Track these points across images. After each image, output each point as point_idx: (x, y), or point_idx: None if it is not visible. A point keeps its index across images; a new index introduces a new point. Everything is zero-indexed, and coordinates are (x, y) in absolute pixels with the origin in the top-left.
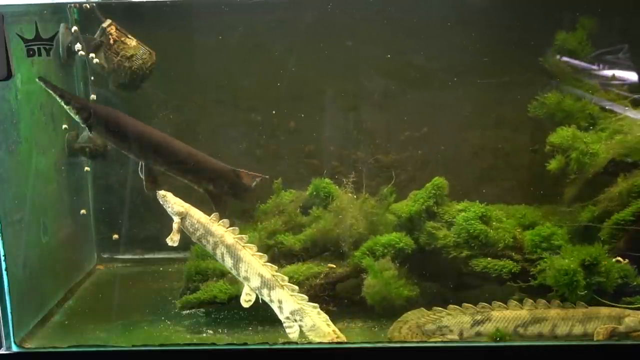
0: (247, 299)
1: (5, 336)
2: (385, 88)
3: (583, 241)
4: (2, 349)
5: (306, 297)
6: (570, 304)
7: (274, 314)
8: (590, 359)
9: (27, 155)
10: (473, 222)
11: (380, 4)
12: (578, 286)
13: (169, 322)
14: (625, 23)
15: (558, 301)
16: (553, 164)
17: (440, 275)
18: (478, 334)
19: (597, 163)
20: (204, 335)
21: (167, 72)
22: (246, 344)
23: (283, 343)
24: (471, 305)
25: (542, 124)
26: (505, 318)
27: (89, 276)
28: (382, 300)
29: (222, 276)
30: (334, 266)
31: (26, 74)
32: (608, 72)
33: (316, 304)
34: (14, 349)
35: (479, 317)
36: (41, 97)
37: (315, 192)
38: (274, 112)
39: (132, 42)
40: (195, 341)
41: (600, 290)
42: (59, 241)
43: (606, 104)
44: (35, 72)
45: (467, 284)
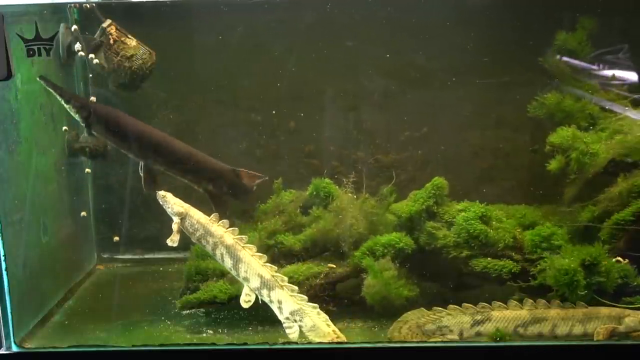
0: (247, 300)
1: (5, 336)
2: (385, 88)
3: (583, 241)
4: (2, 349)
5: (306, 298)
6: (570, 304)
7: (274, 314)
8: (590, 359)
9: (27, 155)
10: (473, 222)
11: (380, 4)
12: (578, 286)
13: (169, 322)
14: (625, 23)
15: (558, 301)
16: (553, 164)
17: (440, 275)
18: (478, 334)
19: (597, 163)
20: (204, 335)
21: (167, 72)
22: (246, 344)
23: (283, 343)
24: (471, 305)
25: (542, 124)
26: (505, 318)
27: (89, 276)
28: (382, 300)
29: (222, 276)
30: (334, 266)
31: (26, 74)
32: (608, 72)
33: (316, 304)
34: (14, 349)
35: (479, 317)
36: (41, 97)
37: (315, 192)
38: (274, 112)
39: (132, 42)
40: (195, 341)
41: (600, 290)
42: (59, 241)
43: (606, 104)
44: (35, 72)
45: (467, 284)
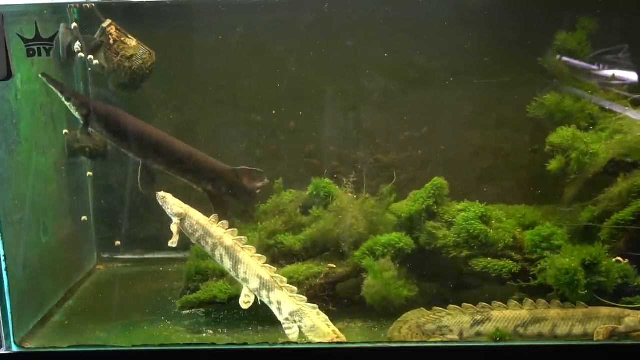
0: (246, 301)
1: (5, 336)
2: (385, 88)
3: (583, 241)
4: (2, 349)
5: (305, 298)
6: (570, 304)
7: (274, 314)
8: (590, 359)
9: (27, 155)
10: (473, 222)
11: (379, 4)
12: (579, 285)
13: (169, 322)
14: (625, 23)
15: (558, 301)
16: (553, 164)
17: (440, 275)
18: (478, 334)
19: (597, 163)
20: (204, 335)
21: (167, 72)
22: (246, 344)
23: (283, 343)
24: (471, 305)
25: (542, 124)
26: (505, 318)
27: (89, 276)
28: (382, 300)
29: (222, 276)
30: (334, 266)
31: (26, 74)
32: (608, 72)
33: (315, 305)
34: (14, 349)
35: (479, 317)
36: (41, 97)
37: (315, 192)
38: (274, 112)
39: (132, 42)
40: (195, 341)
41: (600, 290)
42: (59, 241)
43: (606, 104)
44: (35, 72)
45: (467, 284)
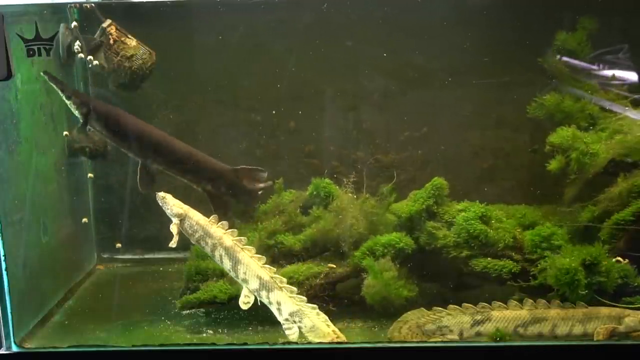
0: (246, 301)
1: (5, 336)
2: (385, 88)
3: (583, 241)
4: (2, 349)
5: (305, 299)
6: (570, 304)
7: (274, 314)
8: (590, 359)
9: (27, 155)
10: (473, 222)
11: (379, 4)
12: (579, 285)
13: (169, 322)
14: (625, 23)
15: (558, 301)
16: (553, 164)
17: (440, 275)
18: (478, 334)
19: (597, 163)
20: (204, 335)
21: (167, 72)
22: (246, 344)
23: (283, 343)
24: (471, 305)
25: (542, 124)
26: (505, 318)
27: (89, 276)
28: (382, 300)
29: (222, 276)
30: (334, 266)
31: (26, 74)
32: (608, 72)
33: (315, 305)
34: (14, 349)
35: (479, 317)
36: (41, 97)
37: (315, 192)
38: (274, 112)
39: (132, 42)
40: (195, 341)
41: (600, 290)
42: (59, 241)
43: (606, 104)
44: (35, 72)
45: (467, 284)
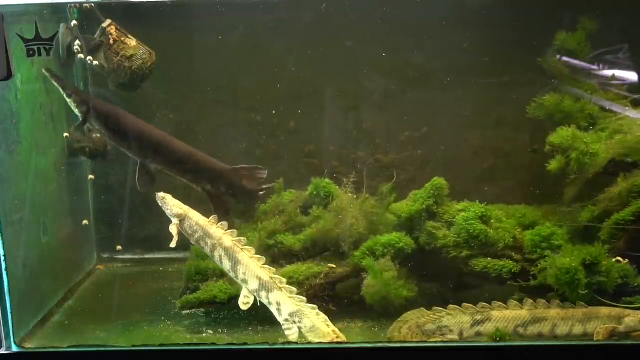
0: (246, 302)
1: (5, 336)
2: (385, 88)
3: (583, 241)
4: (2, 349)
5: (304, 299)
6: (570, 304)
7: (274, 315)
8: (590, 359)
9: (27, 155)
10: (473, 222)
11: (379, 4)
12: (579, 285)
13: (169, 322)
14: (625, 23)
15: (558, 301)
16: (553, 164)
17: (440, 275)
18: (478, 334)
19: (597, 163)
20: (204, 335)
21: (167, 72)
22: (246, 344)
23: (283, 343)
24: (471, 305)
25: (543, 124)
26: (505, 318)
27: (89, 276)
28: (382, 300)
29: (222, 276)
30: (334, 266)
31: (26, 74)
32: (608, 72)
33: (315, 305)
34: (14, 349)
35: (479, 317)
36: (41, 97)
37: (315, 192)
38: (274, 112)
39: (132, 42)
40: (195, 341)
41: (600, 290)
42: (59, 241)
43: (606, 104)
44: (35, 72)
45: (467, 284)
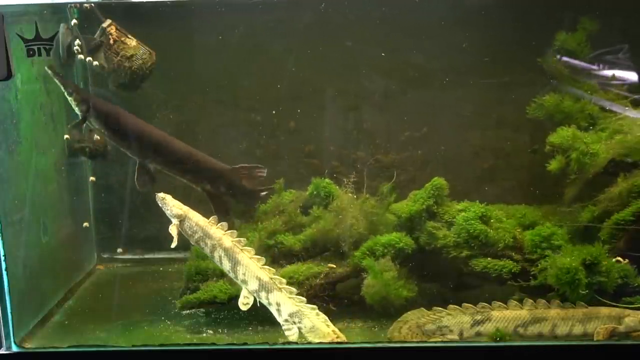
0: (245, 302)
1: (5, 336)
2: (385, 88)
3: (583, 241)
4: (2, 349)
5: (304, 299)
6: (570, 304)
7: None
8: (590, 359)
9: (27, 155)
10: (473, 222)
11: (379, 4)
12: (580, 284)
13: (169, 322)
14: (625, 23)
15: (558, 301)
16: (553, 164)
17: (440, 275)
18: (478, 334)
19: (597, 163)
20: (204, 335)
21: (167, 72)
22: (246, 344)
23: (283, 343)
24: (471, 305)
25: (543, 124)
26: (505, 318)
27: (89, 276)
28: (382, 300)
29: (222, 276)
30: (334, 266)
31: (26, 74)
32: (608, 72)
33: (314, 306)
34: (14, 349)
35: (479, 317)
36: (41, 97)
37: (315, 192)
38: (274, 112)
39: (132, 42)
40: (195, 341)
41: (600, 290)
42: (59, 241)
43: (606, 104)
44: (35, 72)
45: (467, 284)
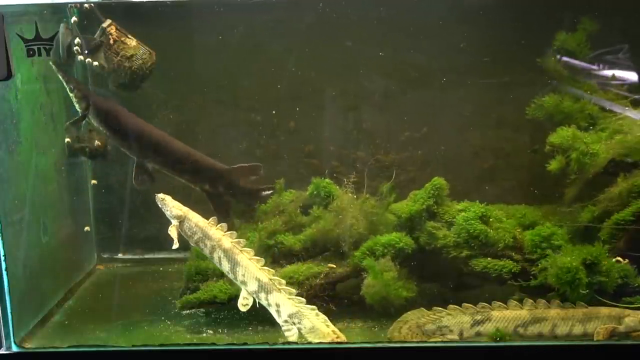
0: (245, 303)
1: (5, 336)
2: (385, 88)
3: (583, 241)
4: (2, 349)
5: (304, 300)
6: (570, 304)
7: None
8: (590, 359)
9: (27, 155)
10: (473, 222)
11: (379, 4)
12: (580, 284)
13: (169, 322)
14: (625, 23)
15: (558, 301)
16: (553, 164)
17: (440, 275)
18: (478, 334)
19: (597, 163)
20: (204, 335)
21: (167, 72)
22: (246, 344)
23: (283, 343)
24: (471, 305)
25: (543, 124)
26: (505, 318)
27: (89, 276)
28: (382, 300)
29: (222, 276)
30: (334, 266)
31: (26, 74)
32: (608, 72)
33: (314, 306)
34: (14, 349)
35: (479, 317)
36: (41, 97)
37: (315, 192)
38: (274, 112)
39: (132, 42)
40: (195, 341)
41: (600, 290)
42: (59, 241)
43: (606, 104)
44: (35, 72)
45: (467, 284)
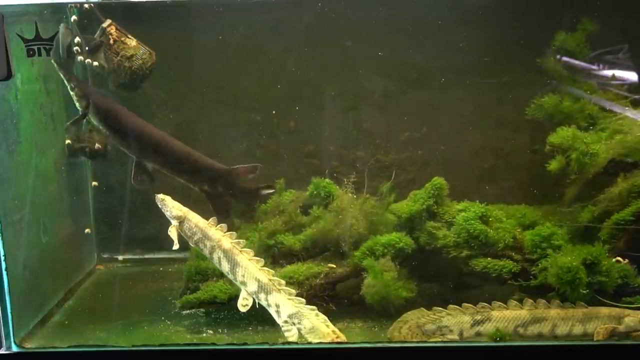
0: (244, 304)
1: (5, 336)
2: (385, 88)
3: (583, 241)
4: (2, 349)
5: (304, 300)
6: (570, 304)
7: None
8: (590, 359)
9: (27, 155)
10: (473, 222)
11: (379, 4)
12: (580, 284)
13: (169, 322)
14: (625, 23)
15: (558, 301)
16: (553, 164)
17: (440, 275)
18: (478, 334)
19: (597, 163)
20: (204, 335)
21: (167, 72)
22: (246, 344)
23: (283, 343)
24: (471, 305)
25: (543, 124)
26: (505, 318)
27: (89, 276)
28: (382, 300)
29: (222, 276)
30: (334, 266)
31: (26, 74)
32: (608, 72)
33: (314, 307)
34: (14, 349)
35: (479, 317)
36: (41, 97)
37: (315, 192)
38: (274, 112)
39: (132, 42)
40: (195, 341)
41: (600, 290)
42: (59, 241)
43: (606, 104)
44: (35, 72)
45: (467, 284)
